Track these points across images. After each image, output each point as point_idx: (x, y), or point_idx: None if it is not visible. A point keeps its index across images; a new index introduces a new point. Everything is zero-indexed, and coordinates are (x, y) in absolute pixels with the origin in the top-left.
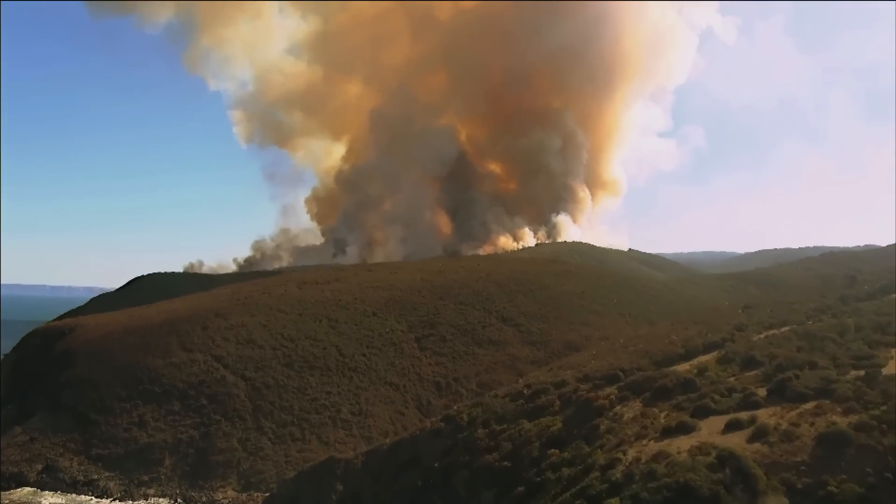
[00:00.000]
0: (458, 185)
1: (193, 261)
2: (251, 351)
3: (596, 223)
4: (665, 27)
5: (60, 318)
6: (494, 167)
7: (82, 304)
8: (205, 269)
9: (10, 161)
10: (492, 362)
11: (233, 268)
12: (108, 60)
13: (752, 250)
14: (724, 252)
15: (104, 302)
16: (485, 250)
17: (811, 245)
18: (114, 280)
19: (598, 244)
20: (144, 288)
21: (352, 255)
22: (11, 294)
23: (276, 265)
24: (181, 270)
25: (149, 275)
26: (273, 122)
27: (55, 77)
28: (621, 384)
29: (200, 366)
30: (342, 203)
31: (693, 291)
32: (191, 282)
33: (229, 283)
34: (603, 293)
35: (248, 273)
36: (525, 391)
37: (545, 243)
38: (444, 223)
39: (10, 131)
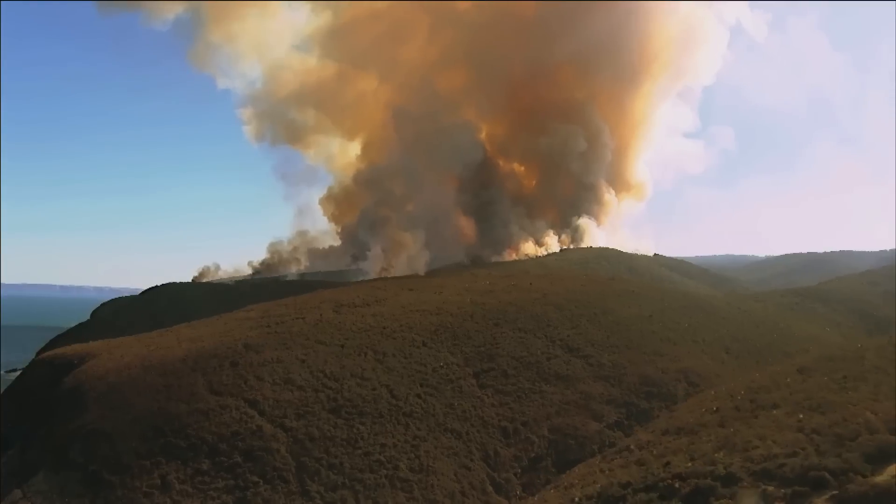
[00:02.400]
0: (479, 184)
1: (209, 263)
2: (290, 394)
3: (619, 226)
4: (696, 21)
5: (69, 332)
6: (515, 166)
7: (92, 304)
8: (220, 274)
9: (20, 161)
10: (562, 401)
11: (248, 271)
12: (120, 60)
13: (776, 254)
14: (745, 255)
15: (114, 311)
16: (508, 256)
17: (836, 249)
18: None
19: (623, 249)
20: (159, 299)
21: (374, 259)
22: (21, 294)
23: (294, 268)
24: (196, 273)
25: (163, 285)
26: (284, 120)
27: (68, 77)
28: (835, 495)
29: (232, 413)
30: (362, 204)
31: (761, 312)
32: (209, 295)
33: (250, 295)
34: (671, 316)
35: (269, 282)
36: (678, 485)
37: (570, 248)
38: (466, 226)
39: (20, 131)
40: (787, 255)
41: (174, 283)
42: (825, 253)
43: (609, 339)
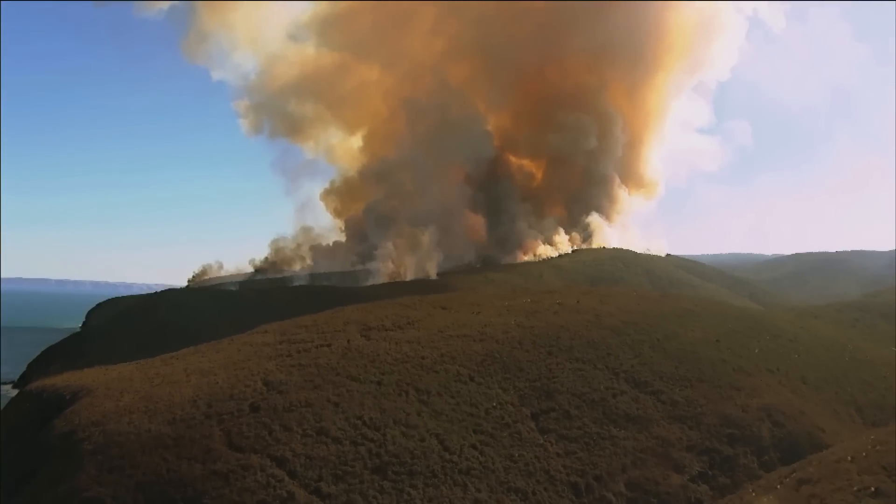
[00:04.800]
0: (487, 179)
1: (211, 262)
2: (325, 448)
3: (629, 224)
4: (712, 11)
5: (62, 344)
6: (524, 161)
7: (88, 301)
8: (222, 273)
9: (14, 155)
10: (637, 449)
11: (249, 269)
12: (115, 54)
13: (785, 253)
14: (751, 254)
15: (110, 319)
16: (520, 256)
17: (848, 249)
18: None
19: (634, 248)
20: (158, 308)
21: (383, 260)
22: (16, 289)
23: (298, 266)
24: (198, 270)
25: (162, 292)
26: (281, 112)
27: (63, 72)
28: None
29: (257, 476)
30: (366, 197)
31: (823, 330)
32: (211, 303)
33: (256, 303)
34: (738, 340)
35: (275, 286)
36: None
37: (582, 249)
38: (476, 223)
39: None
40: (797, 255)
41: (174, 290)
42: (836, 252)
43: (678, 371)
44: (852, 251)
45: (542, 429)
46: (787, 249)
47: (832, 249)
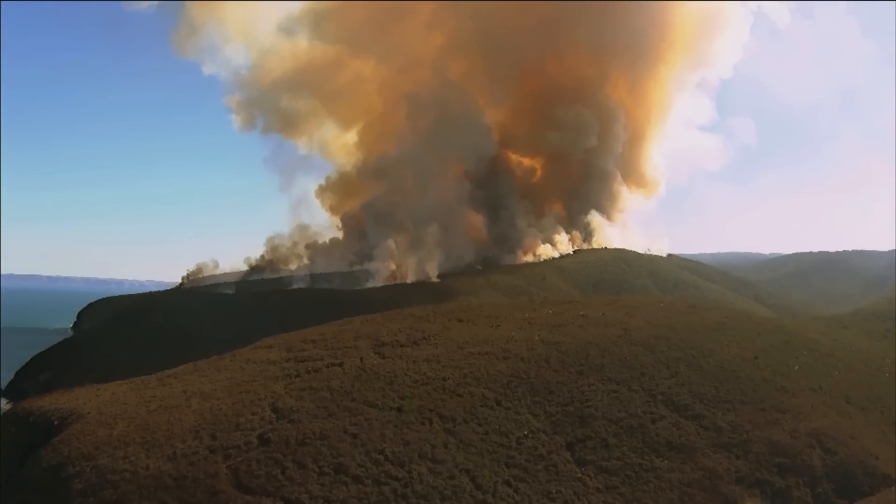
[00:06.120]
0: (487, 177)
1: (206, 260)
2: (344, 489)
3: (629, 222)
4: (716, 5)
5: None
6: (523, 155)
7: (80, 298)
8: (219, 272)
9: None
10: (682, 482)
11: (245, 268)
12: (108, 49)
13: (784, 252)
14: (750, 253)
15: (102, 323)
16: (521, 257)
17: (849, 248)
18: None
19: (636, 247)
20: (152, 312)
21: (383, 260)
22: (6, 286)
23: (295, 265)
24: (193, 268)
25: (158, 293)
26: (274, 107)
27: (53, 67)
28: None
29: None
30: (363, 193)
31: (857, 342)
32: (208, 308)
33: (255, 308)
34: (777, 356)
35: (274, 290)
36: None
37: (584, 249)
38: (475, 221)
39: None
40: (796, 255)
41: (168, 292)
42: (837, 252)
43: (718, 392)
44: (853, 251)
45: (579, 460)
46: (786, 249)
47: (832, 249)
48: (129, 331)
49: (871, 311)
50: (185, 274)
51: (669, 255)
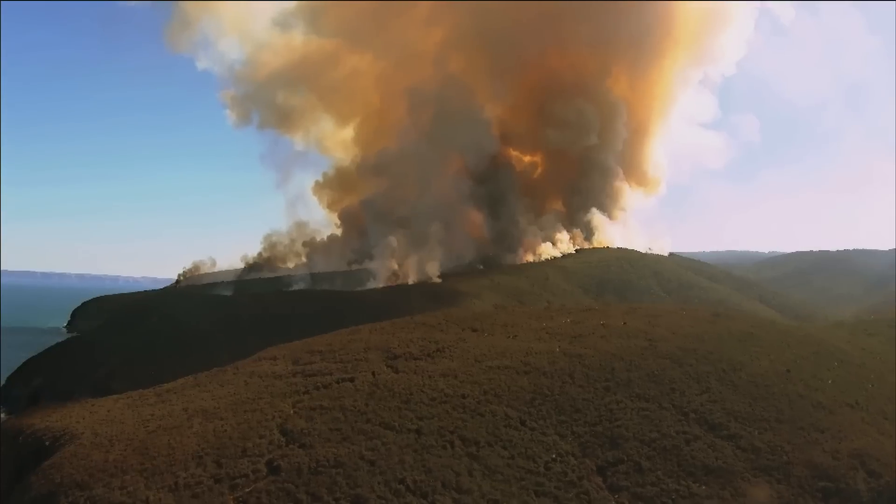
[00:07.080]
0: (487, 174)
1: (203, 257)
2: None
3: (630, 221)
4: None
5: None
6: (524, 154)
7: (75, 295)
8: (217, 270)
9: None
10: None
11: (242, 266)
12: (102, 45)
13: (783, 251)
14: (748, 252)
15: (97, 327)
16: (522, 257)
17: (850, 248)
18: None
19: (637, 246)
20: (148, 315)
21: (383, 260)
22: (3, 283)
23: (293, 263)
24: (190, 266)
25: (154, 293)
26: (269, 102)
27: (47, 63)
28: None
29: None
30: (361, 189)
31: (884, 351)
32: (206, 311)
33: (254, 311)
34: (809, 369)
35: (273, 292)
36: None
37: (586, 249)
38: (475, 218)
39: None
40: (797, 253)
41: (164, 291)
42: (837, 251)
43: (753, 410)
44: (854, 250)
45: (612, 486)
46: (785, 247)
47: (832, 248)
48: (124, 335)
49: (893, 318)
50: (181, 272)
51: (671, 254)
